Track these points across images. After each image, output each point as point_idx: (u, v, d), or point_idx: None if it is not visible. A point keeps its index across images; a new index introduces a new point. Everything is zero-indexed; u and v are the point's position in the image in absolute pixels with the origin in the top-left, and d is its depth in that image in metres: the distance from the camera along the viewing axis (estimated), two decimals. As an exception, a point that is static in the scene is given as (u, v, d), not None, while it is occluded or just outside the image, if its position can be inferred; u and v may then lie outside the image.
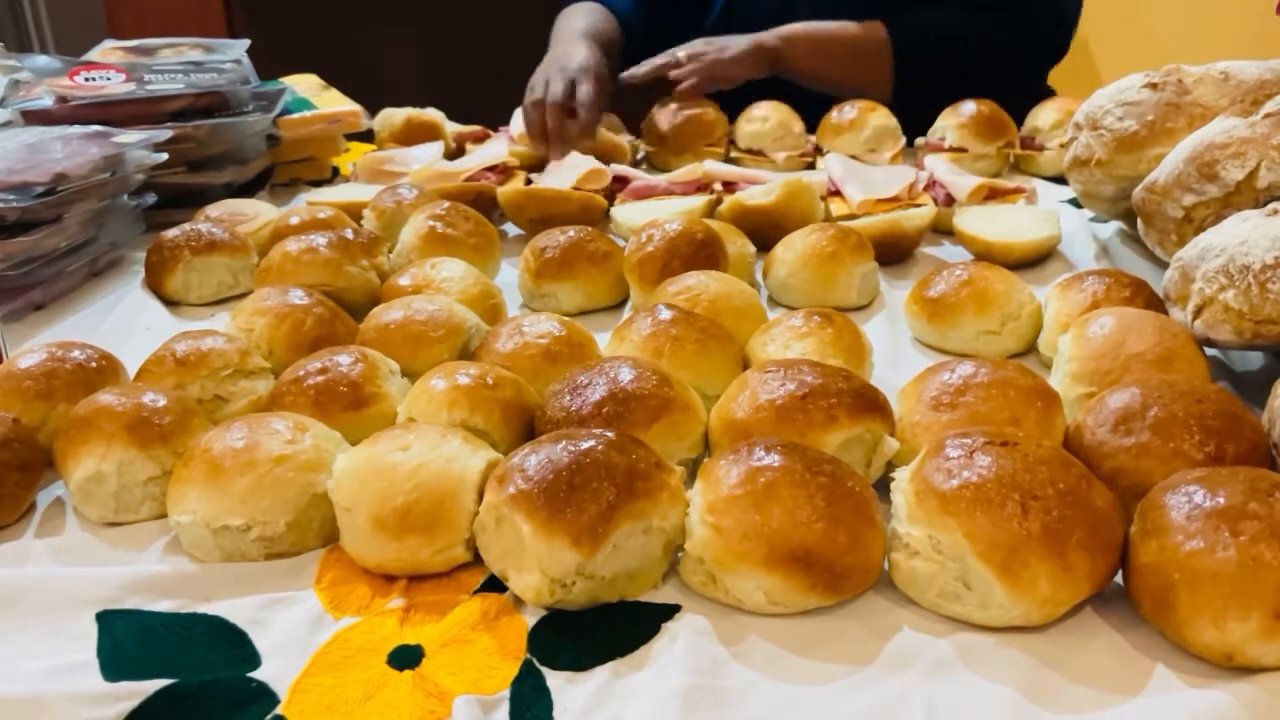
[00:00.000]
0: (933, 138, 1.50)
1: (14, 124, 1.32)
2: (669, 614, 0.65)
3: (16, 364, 0.85)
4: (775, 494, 0.63)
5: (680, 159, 1.52)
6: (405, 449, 0.70)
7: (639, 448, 0.68)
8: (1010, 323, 0.97)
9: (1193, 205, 0.97)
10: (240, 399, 0.86)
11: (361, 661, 0.63)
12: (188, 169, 1.36)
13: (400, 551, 0.68)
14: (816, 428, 0.73)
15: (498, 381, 0.80)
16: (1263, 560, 0.57)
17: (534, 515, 0.63)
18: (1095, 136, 1.12)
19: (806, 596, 0.63)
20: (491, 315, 1.01)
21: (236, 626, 0.66)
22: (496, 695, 0.60)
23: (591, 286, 1.09)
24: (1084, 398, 0.80)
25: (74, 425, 0.77)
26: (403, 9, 3.15)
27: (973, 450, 0.65)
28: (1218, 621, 0.57)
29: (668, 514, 0.66)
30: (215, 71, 1.44)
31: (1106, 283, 0.94)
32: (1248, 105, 1.04)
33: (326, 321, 0.95)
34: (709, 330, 0.88)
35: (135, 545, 0.74)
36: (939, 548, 0.63)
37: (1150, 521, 0.62)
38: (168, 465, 0.75)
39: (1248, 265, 0.81)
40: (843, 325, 0.90)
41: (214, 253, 1.13)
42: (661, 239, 1.06)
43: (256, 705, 0.60)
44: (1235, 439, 0.69)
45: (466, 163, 1.44)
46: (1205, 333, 0.84)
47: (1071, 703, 0.58)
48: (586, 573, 0.64)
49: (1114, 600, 0.64)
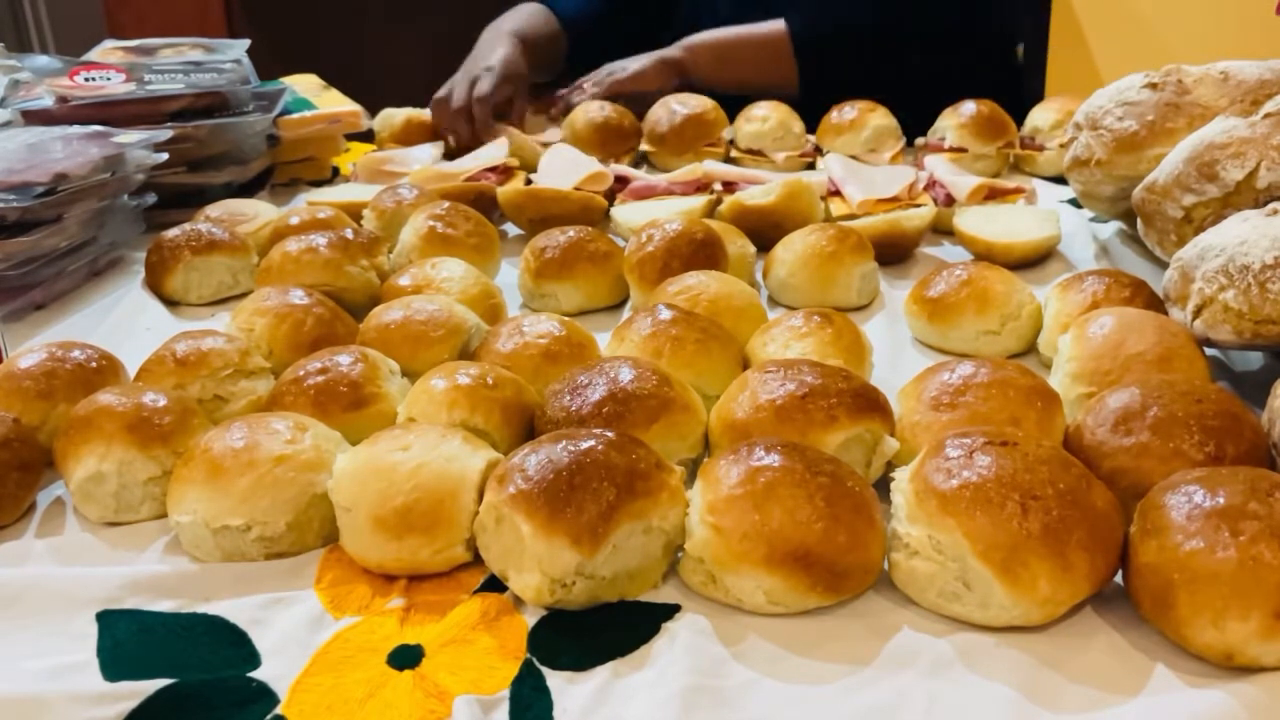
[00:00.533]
0: (933, 138, 1.50)
1: (14, 124, 1.32)
2: (669, 614, 0.65)
3: (16, 364, 0.85)
4: (775, 494, 0.63)
5: (680, 159, 1.52)
6: (405, 449, 0.70)
7: (639, 448, 0.68)
8: (1010, 323, 0.97)
9: (1192, 205, 0.97)
10: (240, 399, 0.86)
11: (361, 661, 0.63)
12: (188, 169, 1.36)
13: (400, 551, 0.68)
14: (816, 428, 0.73)
15: (498, 381, 0.80)
16: (1263, 560, 0.57)
17: (534, 515, 0.63)
18: (1095, 136, 1.12)
19: (806, 596, 0.63)
20: (491, 315, 1.01)
21: (236, 626, 0.66)
22: (496, 695, 0.60)
23: (591, 286, 1.09)
24: (1084, 398, 0.80)
25: (74, 425, 0.77)
26: (403, 9, 3.16)
27: (973, 450, 0.65)
28: (1217, 621, 0.57)
29: (668, 514, 0.67)
30: (215, 71, 1.44)
31: (1106, 283, 0.94)
32: (1248, 105, 1.04)
33: (326, 321, 0.95)
34: (709, 330, 0.88)
35: (135, 545, 0.74)
36: (939, 548, 0.63)
37: (1150, 521, 0.62)
38: (168, 465, 0.75)
39: (1247, 265, 0.81)
40: (843, 325, 0.90)
41: (214, 253, 1.13)
42: (661, 239, 1.06)
43: (256, 705, 0.60)
44: (1235, 439, 0.69)
45: (466, 163, 1.44)
46: (1205, 333, 0.84)
47: (1071, 703, 0.58)
48: (586, 573, 0.64)
49: (1114, 600, 0.64)
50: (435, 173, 1.40)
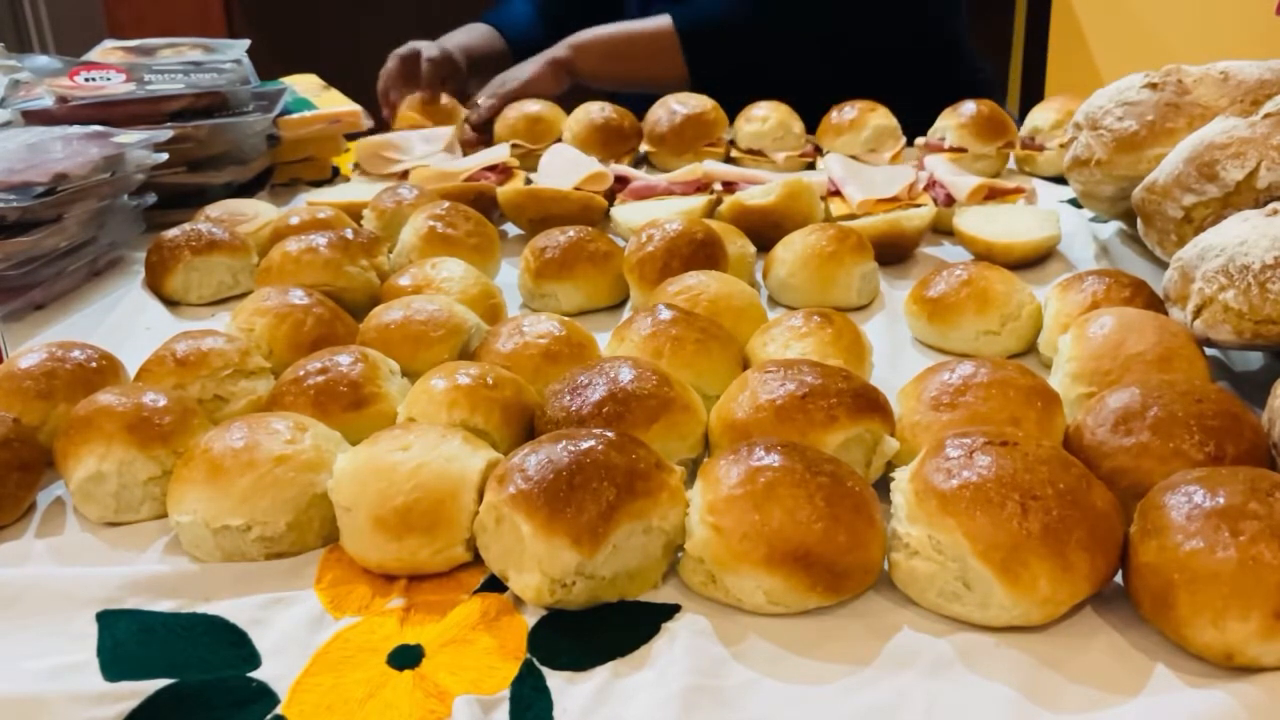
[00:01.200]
0: (933, 138, 1.50)
1: (14, 124, 1.32)
2: (669, 614, 0.65)
3: (16, 364, 0.85)
4: (775, 494, 0.63)
5: (680, 159, 1.52)
6: (405, 449, 0.70)
7: (639, 448, 0.68)
8: (1010, 323, 0.97)
9: (1193, 205, 0.97)
10: (240, 399, 0.86)
11: (361, 661, 0.63)
12: (188, 169, 1.36)
13: (400, 551, 0.68)
14: (816, 428, 0.73)
15: (498, 381, 0.80)
16: (1263, 560, 0.57)
17: (534, 515, 0.63)
18: (1095, 136, 1.12)
19: (806, 596, 0.63)
20: (491, 315, 1.01)
21: (236, 626, 0.66)
22: (496, 695, 0.60)
23: (591, 286, 1.09)
24: (1084, 398, 0.80)
25: (74, 425, 0.77)
26: (403, 9, 3.16)
27: (972, 450, 0.65)
28: (1217, 621, 0.57)
29: (668, 514, 0.67)
30: (215, 71, 1.44)
31: (1106, 283, 0.94)
32: (1248, 105, 1.04)
33: (326, 321, 0.95)
34: (709, 330, 0.88)
35: (135, 545, 0.74)
36: (939, 547, 0.63)
37: (1150, 521, 0.62)
38: (168, 465, 0.75)
39: (1247, 265, 0.81)
40: (843, 325, 0.90)
41: (214, 253, 1.13)
42: (661, 239, 1.06)
43: (256, 705, 0.60)
44: (1235, 439, 0.69)
45: (467, 163, 1.44)
46: (1205, 333, 0.84)
47: (1071, 703, 0.58)
48: (586, 573, 0.64)
49: (1114, 600, 0.64)
50: (435, 173, 1.40)
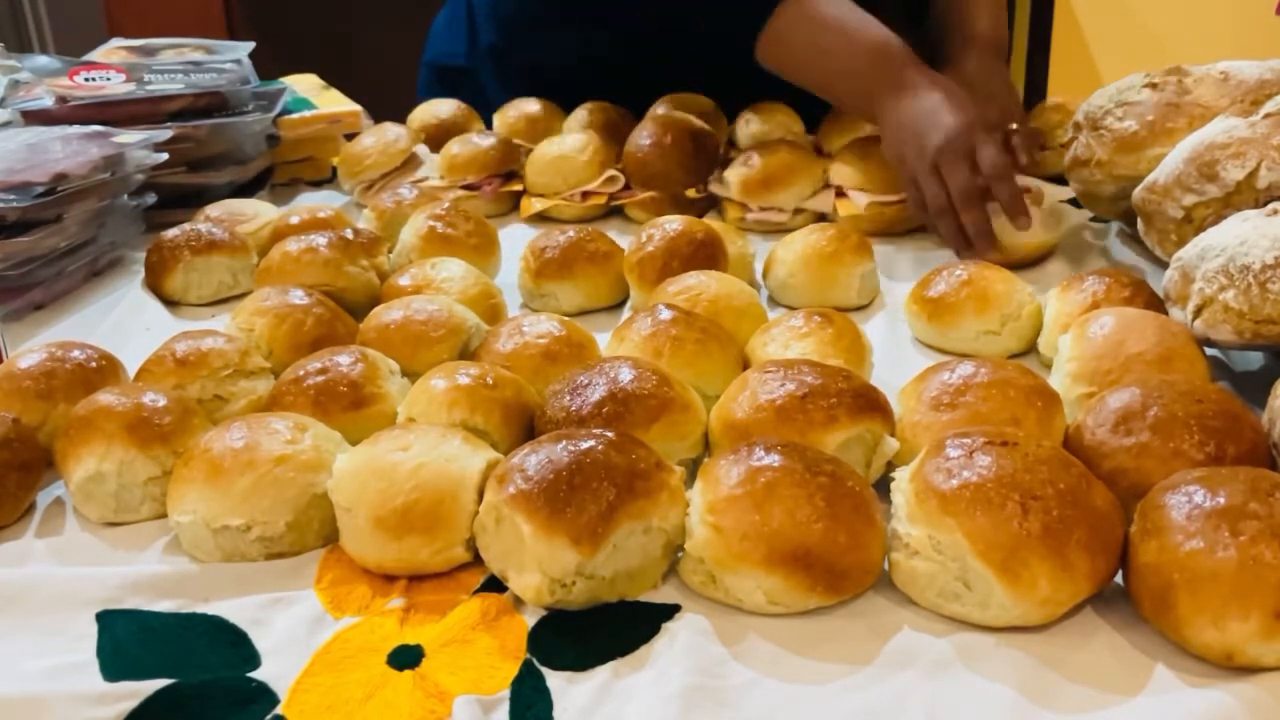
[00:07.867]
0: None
1: (14, 124, 1.32)
2: (669, 614, 0.65)
3: (16, 364, 0.85)
4: (775, 494, 0.63)
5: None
6: (405, 449, 0.70)
7: (639, 448, 0.68)
8: (1010, 323, 0.96)
9: (1193, 205, 0.97)
10: (240, 399, 0.86)
11: (361, 661, 0.63)
12: (188, 169, 1.36)
13: (400, 551, 0.68)
14: (816, 428, 0.73)
15: (498, 381, 0.80)
16: (1263, 560, 0.57)
17: (534, 515, 0.63)
18: (1095, 136, 1.12)
19: (806, 596, 0.63)
20: (491, 315, 1.01)
21: (236, 626, 0.66)
22: (496, 695, 0.60)
23: (591, 286, 1.09)
24: (1084, 398, 0.80)
25: (74, 425, 0.77)
26: (403, 9, 3.16)
27: (973, 450, 0.65)
28: (1218, 621, 0.57)
29: (668, 514, 0.67)
30: (215, 72, 1.44)
31: (1106, 283, 0.94)
32: (1248, 105, 1.04)
33: (326, 321, 0.95)
34: (709, 330, 0.88)
35: (135, 545, 0.74)
36: (939, 547, 0.63)
37: (1150, 521, 0.62)
38: (168, 465, 0.75)
39: (1248, 265, 0.81)
40: (843, 325, 0.90)
41: (214, 253, 1.13)
42: (661, 239, 1.06)
43: (256, 705, 0.60)
44: (1235, 439, 0.69)
45: None
46: (1205, 333, 0.84)
47: (1071, 703, 0.58)
48: (586, 573, 0.64)
49: (1114, 600, 0.64)
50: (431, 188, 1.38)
